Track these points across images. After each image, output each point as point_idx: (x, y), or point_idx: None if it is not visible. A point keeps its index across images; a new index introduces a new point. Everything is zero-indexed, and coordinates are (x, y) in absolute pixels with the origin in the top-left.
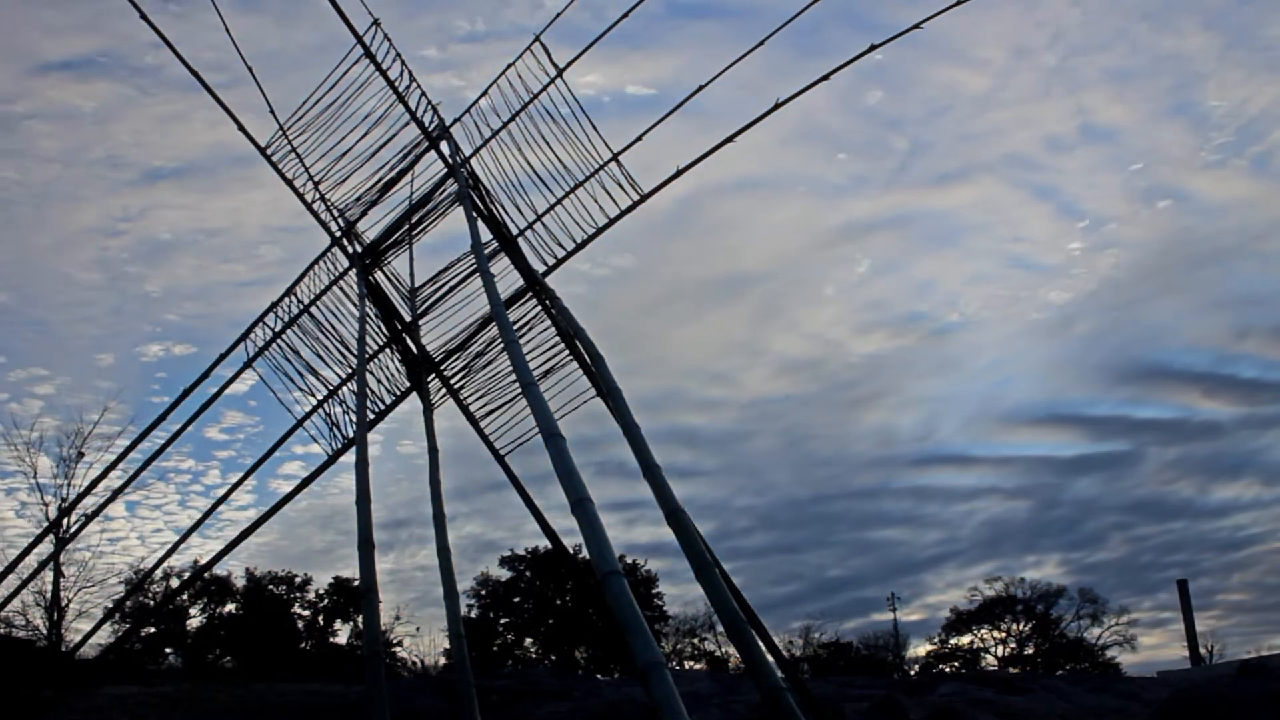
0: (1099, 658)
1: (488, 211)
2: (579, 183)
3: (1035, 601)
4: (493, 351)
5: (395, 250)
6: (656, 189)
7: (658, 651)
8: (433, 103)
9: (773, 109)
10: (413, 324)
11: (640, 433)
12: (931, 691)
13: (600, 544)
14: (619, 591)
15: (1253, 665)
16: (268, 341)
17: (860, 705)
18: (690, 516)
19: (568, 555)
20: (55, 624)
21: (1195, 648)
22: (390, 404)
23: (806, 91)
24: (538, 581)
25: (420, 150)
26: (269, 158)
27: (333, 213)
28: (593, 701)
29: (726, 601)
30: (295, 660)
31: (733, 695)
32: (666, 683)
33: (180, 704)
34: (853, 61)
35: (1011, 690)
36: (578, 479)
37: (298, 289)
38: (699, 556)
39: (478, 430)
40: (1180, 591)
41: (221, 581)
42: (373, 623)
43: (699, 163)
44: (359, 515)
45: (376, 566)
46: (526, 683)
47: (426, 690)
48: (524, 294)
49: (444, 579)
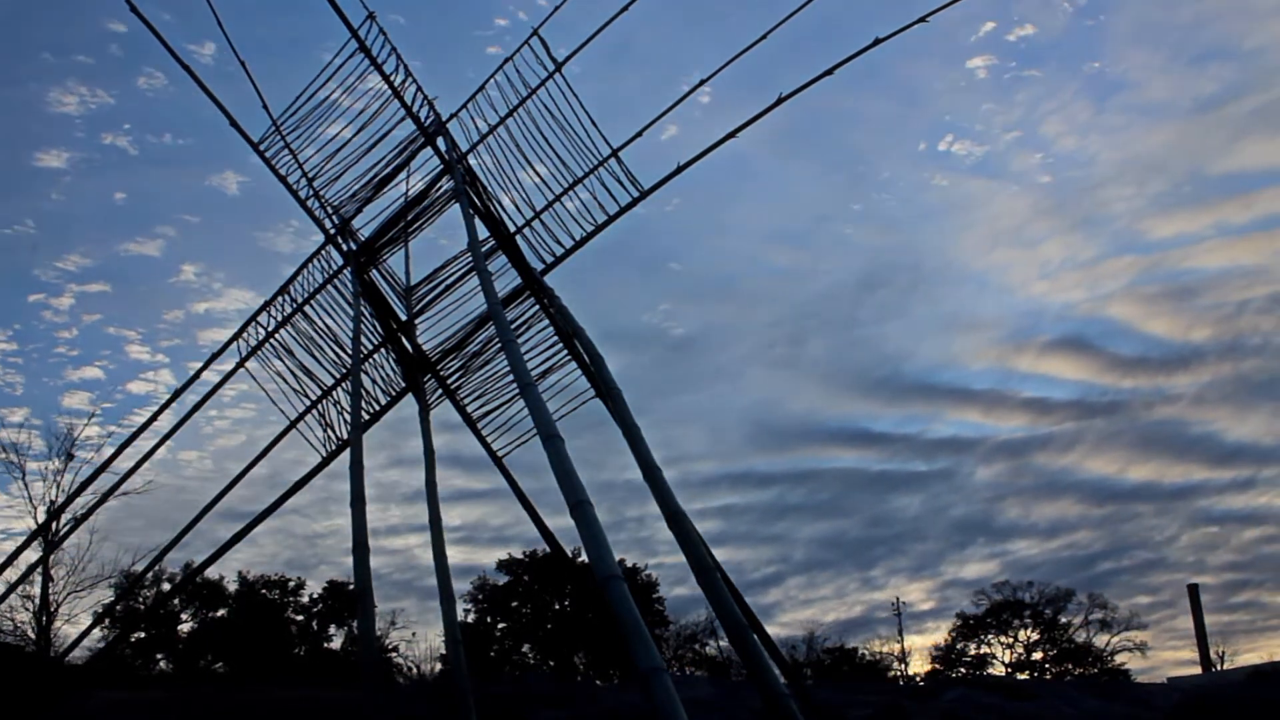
0: (1108, 663)
1: (485, 209)
2: (578, 179)
3: (1043, 606)
4: (490, 351)
5: (390, 248)
6: (657, 185)
7: (658, 657)
8: (429, 98)
9: (776, 104)
10: (408, 323)
11: (640, 434)
12: (937, 698)
13: (600, 548)
14: (619, 596)
15: (1265, 671)
16: (260, 341)
17: (864, 712)
18: (691, 520)
19: (566, 559)
20: (44, 628)
21: (1205, 653)
22: (385, 405)
23: (810, 86)
24: (536, 586)
25: (416, 146)
26: (262, 154)
27: (327, 210)
28: (592, 708)
29: (728, 606)
30: (289, 665)
31: (735, 701)
32: (667, 688)
33: (172, 709)
34: (857, 55)
35: (1018, 696)
36: (577, 481)
37: (291, 287)
38: (700, 560)
39: (475, 431)
40: (1191, 596)
41: (213, 585)
42: (368, 627)
43: (701, 159)
44: (354, 518)
45: (371, 569)
46: (524, 689)
47: (423, 697)
48: (522, 293)
49: (440, 583)
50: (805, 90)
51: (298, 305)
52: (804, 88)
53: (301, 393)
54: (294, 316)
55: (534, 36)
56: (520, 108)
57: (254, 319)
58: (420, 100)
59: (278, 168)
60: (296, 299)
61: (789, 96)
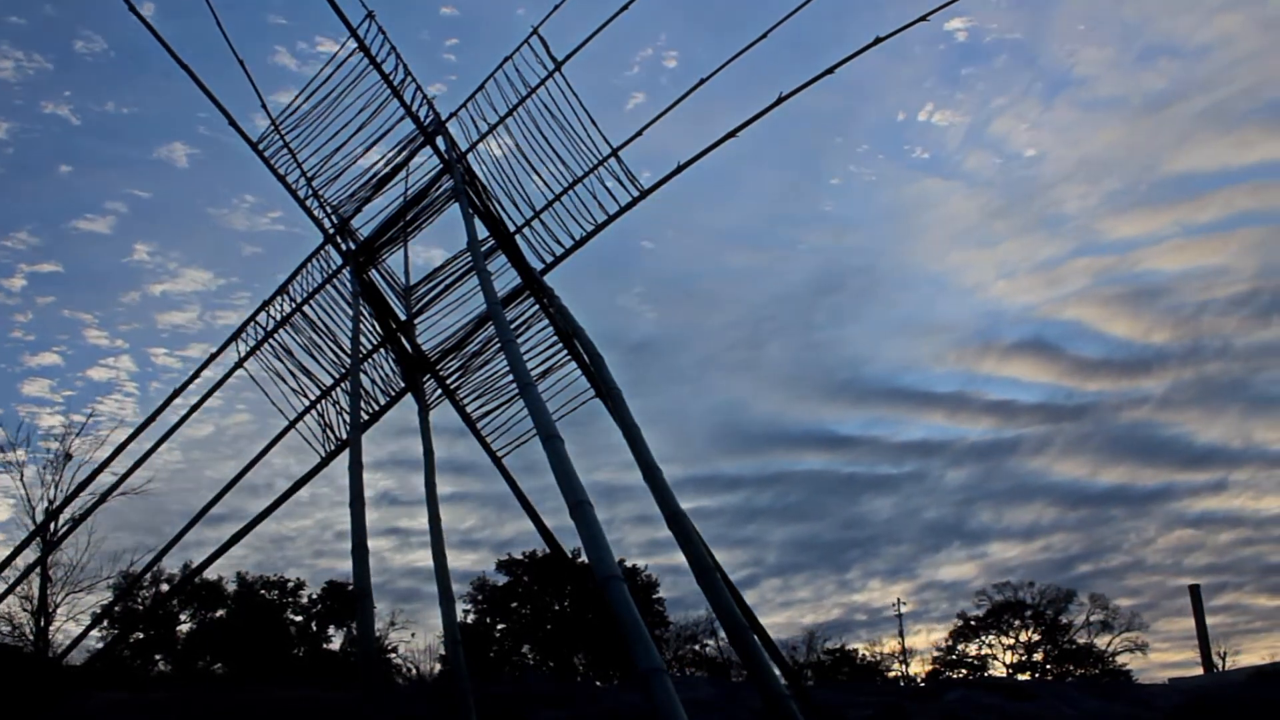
0: (1109, 664)
1: (484, 208)
2: (578, 179)
3: (1045, 606)
4: (490, 351)
5: (390, 248)
6: (657, 185)
7: (658, 658)
8: (428, 96)
9: (776, 103)
10: (408, 323)
11: (640, 434)
12: (938, 699)
13: (600, 548)
14: (619, 597)
15: (1267, 671)
16: (259, 341)
17: (865, 713)
18: (691, 520)
19: (566, 559)
20: (43, 630)
21: (1207, 653)
22: (385, 405)
23: (810, 85)
24: (535, 586)
25: (415, 145)
26: (261, 154)
27: (326, 209)
28: (592, 709)
29: (729, 607)
30: (288, 665)
31: (735, 702)
32: (667, 689)
33: (171, 710)
34: (858, 54)
35: (1019, 697)
36: (576, 482)
37: (290, 287)
38: (700, 560)
39: (474, 432)
40: (1193, 596)
41: (212, 586)
42: (367, 627)
43: (701, 158)
44: (353, 518)
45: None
46: (524, 689)
47: (423, 697)
48: (522, 292)
49: (439, 583)
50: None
51: (297, 305)
52: (804, 87)
53: (300, 393)
54: (293, 316)
55: (534, 35)
56: (520, 107)
57: (253, 319)
58: (419, 99)
59: (277, 167)
60: (295, 299)
61: (789, 96)
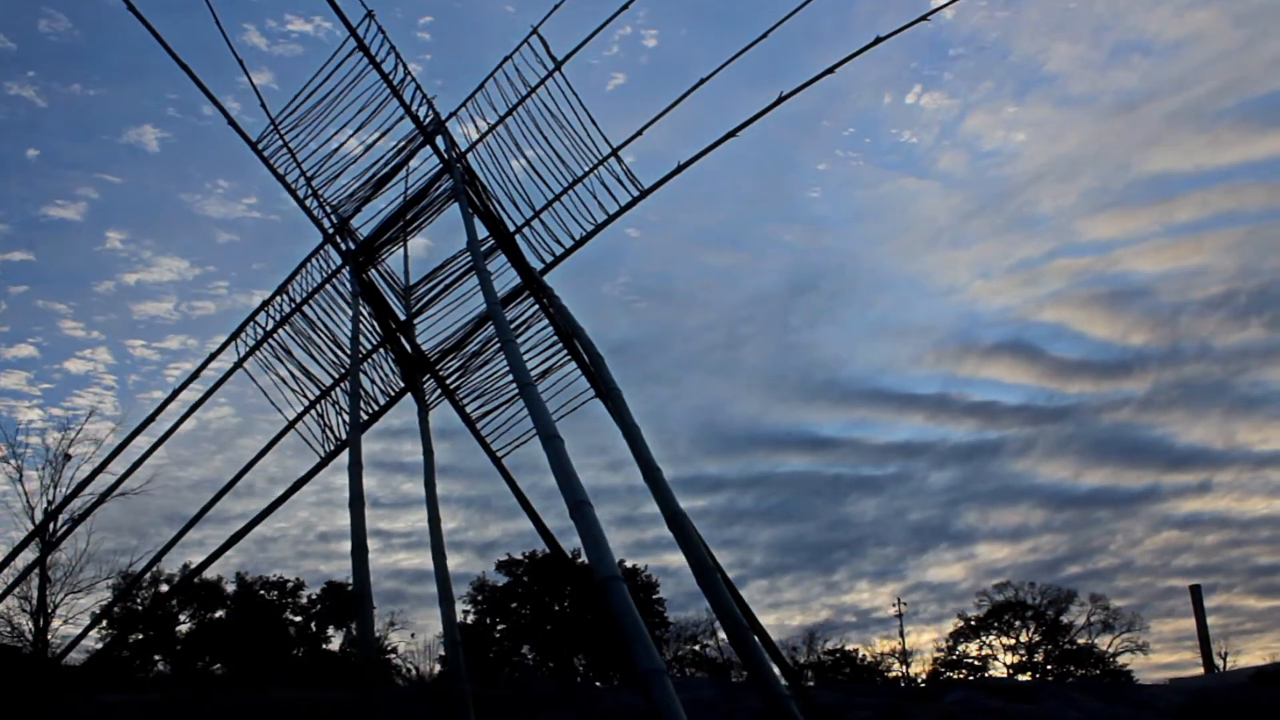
0: (1110, 665)
1: (484, 208)
2: (578, 178)
3: (1045, 607)
4: (489, 351)
5: (389, 248)
6: (657, 184)
7: (658, 658)
8: (428, 96)
9: (776, 103)
10: (407, 323)
11: (640, 434)
12: (938, 699)
13: (600, 548)
14: (619, 597)
15: (1268, 672)
16: (259, 341)
17: (865, 714)
18: (691, 520)
19: (566, 560)
20: (42, 630)
21: (1208, 654)
22: (384, 405)
23: (810, 85)
24: (535, 587)
25: (415, 145)
26: (260, 153)
27: (325, 209)
28: (592, 709)
29: (729, 607)
30: (288, 666)
31: (735, 702)
32: (667, 690)
33: (171, 711)
34: (858, 54)
35: (1020, 698)
36: (576, 482)
37: (289, 287)
38: (700, 561)
39: (474, 432)
40: (1193, 597)
41: (211, 586)
42: (367, 628)
43: (701, 157)
44: (352, 518)
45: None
46: (524, 690)
47: (422, 698)
48: (521, 292)
49: (439, 584)
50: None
51: (296, 305)
52: (804, 87)
53: (300, 393)
54: (292, 316)
55: (534, 35)
56: (520, 106)
57: (252, 319)
58: (419, 99)
59: (276, 167)
60: (295, 298)
61: (789, 96)
